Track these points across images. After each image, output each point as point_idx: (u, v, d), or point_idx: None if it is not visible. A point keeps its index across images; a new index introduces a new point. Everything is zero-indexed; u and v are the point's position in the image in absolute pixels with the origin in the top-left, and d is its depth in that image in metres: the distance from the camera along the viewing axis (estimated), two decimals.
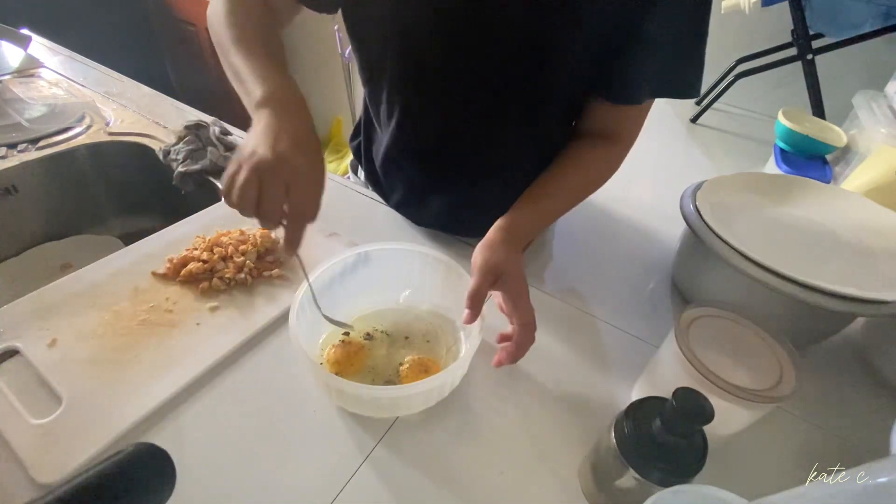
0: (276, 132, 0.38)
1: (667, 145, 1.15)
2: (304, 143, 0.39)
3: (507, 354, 0.46)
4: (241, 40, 0.46)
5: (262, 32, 0.48)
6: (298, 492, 0.40)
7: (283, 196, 0.37)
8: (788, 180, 0.68)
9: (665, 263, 0.70)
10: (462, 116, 0.57)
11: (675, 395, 0.33)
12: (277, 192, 0.36)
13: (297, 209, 0.38)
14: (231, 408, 0.45)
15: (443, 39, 0.51)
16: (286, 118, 0.40)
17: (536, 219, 0.54)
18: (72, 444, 0.40)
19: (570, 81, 0.53)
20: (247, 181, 0.36)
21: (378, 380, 0.47)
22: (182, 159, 0.76)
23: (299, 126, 0.40)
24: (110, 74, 1.05)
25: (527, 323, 0.46)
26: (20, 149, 0.79)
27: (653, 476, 0.34)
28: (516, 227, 0.51)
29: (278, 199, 0.37)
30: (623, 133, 0.57)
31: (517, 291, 0.47)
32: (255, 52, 0.45)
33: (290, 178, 0.37)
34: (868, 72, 1.14)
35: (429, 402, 0.44)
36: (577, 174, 0.57)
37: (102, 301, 0.52)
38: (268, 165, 0.36)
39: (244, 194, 0.36)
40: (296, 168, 0.37)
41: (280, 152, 0.37)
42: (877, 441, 0.45)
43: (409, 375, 0.47)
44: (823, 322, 0.55)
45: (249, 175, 0.36)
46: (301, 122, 0.41)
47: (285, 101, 0.41)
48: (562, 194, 0.56)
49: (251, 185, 0.36)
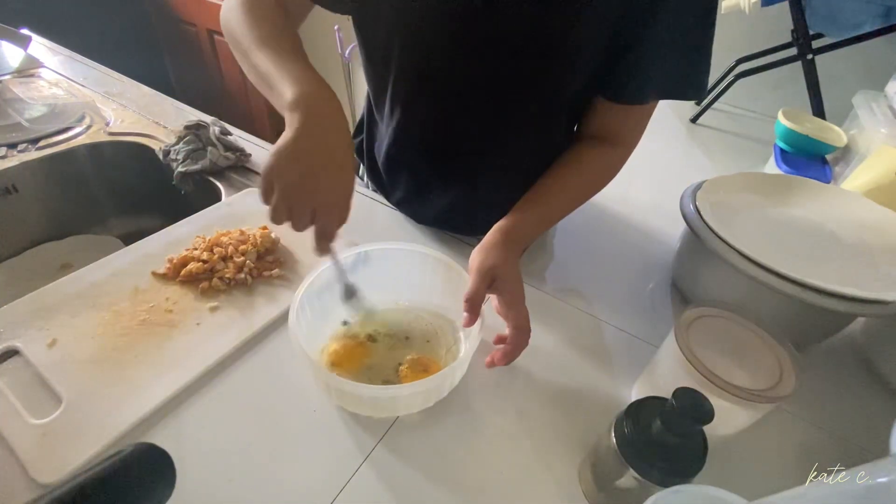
0: (305, 147, 0.39)
1: (667, 145, 1.15)
2: (333, 157, 0.40)
3: (501, 356, 0.47)
4: (266, 40, 0.46)
5: (286, 33, 0.48)
6: (298, 492, 0.40)
7: (310, 220, 0.41)
8: (788, 180, 0.68)
9: (665, 263, 0.70)
10: (467, 116, 0.56)
11: (675, 395, 0.33)
12: (305, 219, 0.40)
13: (321, 231, 0.42)
14: (231, 408, 0.45)
15: (448, 40, 0.51)
16: (318, 126, 0.40)
17: (536, 222, 0.54)
18: (72, 444, 0.40)
19: (575, 82, 0.53)
20: (276, 208, 0.40)
21: (377, 379, 0.47)
22: (182, 159, 0.76)
23: (330, 135, 0.41)
24: (110, 74, 1.05)
25: (521, 327, 0.46)
26: (20, 149, 0.79)
27: (653, 476, 0.34)
28: (515, 230, 0.51)
29: (306, 223, 0.41)
30: (626, 135, 0.57)
31: (513, 296, 0.47)
32: (282, 52, 0.45)
33: (316, 204, 0.40)
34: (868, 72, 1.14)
35: (428, 401, 0.44)
36: (579, 177, 0.57)
37: (102, 301, 0.52)
38: (296, 193, 0.39)
39: (277, 219, 0.40)
40: (321, 193, 0.40)
41: (307, 177, 0.39)
42: (877, 441, 0.45)
43: (409, 375, 0.47)
44: (823, 322, 0.55)
45: (279, 203, 0.39)
46: (333, 129, 0.41)
47: (318, 105, 0.41)
48: (563, 197, 0.56)
49: (282, 212, 0.40)
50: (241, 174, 0.78)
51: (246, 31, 0.48)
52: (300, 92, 0.41)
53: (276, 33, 0.48)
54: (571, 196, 0.57)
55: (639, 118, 0.56)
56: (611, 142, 0.57)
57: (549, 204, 0.55)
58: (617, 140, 0.57)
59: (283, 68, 0.43)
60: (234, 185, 0.76)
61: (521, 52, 0.50)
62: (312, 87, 0.41)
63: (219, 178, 0.77)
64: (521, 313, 0.47)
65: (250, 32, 0.47)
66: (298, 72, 0.43)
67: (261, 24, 0.48)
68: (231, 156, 0.78)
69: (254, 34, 0.47)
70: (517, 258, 0.50)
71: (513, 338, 0.46)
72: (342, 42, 1.81)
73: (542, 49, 0.49)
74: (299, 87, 0.41)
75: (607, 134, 0.57)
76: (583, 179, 0.57)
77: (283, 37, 0.47)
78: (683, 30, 0.48)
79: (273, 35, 0.47)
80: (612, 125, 0.56)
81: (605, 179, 0.58)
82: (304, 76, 0.42)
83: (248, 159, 0.80)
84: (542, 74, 0.51)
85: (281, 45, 0.46)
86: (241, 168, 0.79)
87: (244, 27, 0.48)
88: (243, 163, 0.79)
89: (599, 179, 0.58)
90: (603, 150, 0.57)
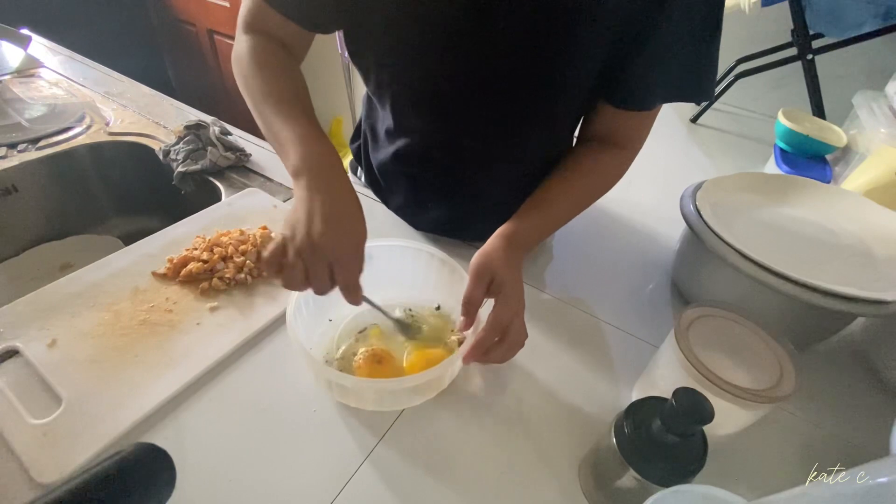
0: (311, 211, 0.40)
1: (667, 145, 1.15)
2: (340, 218, 0.40)
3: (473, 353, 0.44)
4: (272, 94, 0.47)
5: (292, 84, 0.49)
6: (299, 492, 0.40)
7: (328, 275, 0.40)
8: (788, 180, 0.68)
9: (665, 263, 0.70)
10: (467, 127, 0.56)
11: (675, 395, 0.33)
12: (322, 274, 0.40)
13: (344, 283, 0.41)
14: (231, 408, 0.45)
15: (448, 55, 0.49)
16: (322, 191, 0.41)
17: (540, 227, 0.53)
18: (72, 444, 0.40)
19: (578, 94, 0.52)
20: (292, 267, 0.39)
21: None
22: (182, 159, 0.76)
23: (335, 198, 0.41)
24: (110, 74, 1.05)
25: (516, 343, 0.44)
26: (20, 149, 0.79)
27: (653, 476, 0.34)
28: (518, 236, 0.50)
29: (324, 279, 0.40)
30: (630, 139, 0.56)
31: (512, 309, 0.44)
32: (287, 107, 0.46)
33: (331, 259, 0.39)
34: (868, 72, 1.14)
35: (428, 394, 0.45)
36: (583, 180, 0.56)
37: (102, 301, 0.52)
38: (309, 251, 0.39)
39: (293, 279, 0.40)
40: (334, 250, 0.39)
41: (317, 237, 0.39)
42: (877, 441, 0.45)
43: (414, 366, 0.47)
44: (823, 322, 0.55)
45: (294, 261, 0.39)
46: (336, 193, 0.42)
47: (321, 170, 0.42)
48: (566, 201, 0.55)
49: (298, 271, 0.39)
50: (241, 174, 0.78)
51: (253, 79, 0.49)
52: (302, 157, 0.42)
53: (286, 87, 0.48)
54: (575, 200, 0.56)
55: (644, 122, 0.55)
56: (615, 145, 0.56)
57: (552, 209, 0.54)
58: (622, 143, 0.56)
59: (287, 128, 0.44)
60: (234, 185, 0.76)
61: (522, 66, 0.48)
62: (313, 152, 0.43)
63: (219, 178, 0.77)
64: (519, 332, 0.44)
65: (256, 81, 0.48)
66: (301, 133, 0.44)
67: (271, 74, 0.49)
68: (231, 156, 0.78)
69: (260, 85, 0.48)
70: (519, 264, 0.49)
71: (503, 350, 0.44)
72: (342, 42, 1.82)
73: (544, 62, 0.48)
74: (302, 150, 0.42)
75: (612, 137, 0.56)
76: (587, 183, 0.56)
77: (289, 90, 0.48)
78: (690, 34, 0.46)
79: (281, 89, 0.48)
80: (617, 129, 0.55)
81: (610, 183, 0.57)
82: (306, 139, 0.43)
83: (248, 159, 0.81)
84: (543, 83, 0.50)
85: (286, 98, 0.47)
86: (241, 168, 0.79)
87: (251, 74, 0.49)
88: (243, 163, 0.79)
89: (604, 183, 0.57)
90: (607, 154, 0.56)
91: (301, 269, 0.39)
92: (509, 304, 0.45)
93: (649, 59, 0.47)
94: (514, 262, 0.47)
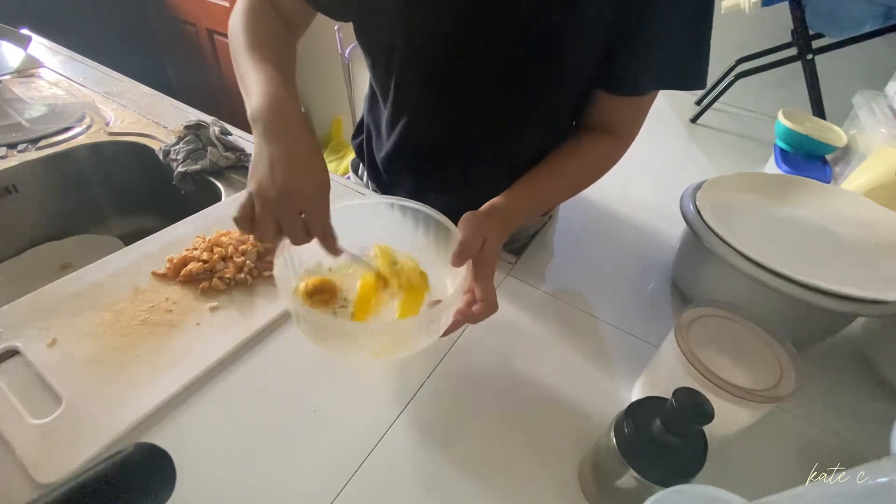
0: (271, 159, 0.39)
1: (667, 145, 1.15)
2: (299, 161, 0.39)
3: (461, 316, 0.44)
4: (253, 46, 0.47)
5: (275, 40, 0.49)
6: (299, 491, 0.40)
7: (299, 222, 0.40)
8: (788, 180, 0.68)
9: (665, 263, 0.70)
10: (470, 117, 0.57)
11: (675, 395, 0.33)
12: (292, 221, 0.39)
13: (315, 225, 0.41)
14: (231, 408, 0.45)
15: (450, 41, 0.51)
16: (276, 138, 0.40)
17: (528, 203, 0.53)
18: (72, 444, 0.40)
19: (577, 81, 0.53)
20: (261, 219, 0.39)
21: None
22: (182, 159, 0.76)
23: (291, 141, 0.40)
24: (110, 74, 1.05)
25: (489, 302, 0.44)
26: (20, 149, 0.79)
27: (653, 476, 0.34)
28: (506, 207, 0.50)
29: (295, 226, 0.40)
30: (625, 126, 0.57)
31: (486, 269, 0.45)
32: (261, 58, 0.45)
33: (297, 203, 0.39)
34: (868, 72, 1.14)
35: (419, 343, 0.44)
36: (576, 163, 0.57)
37: (102, 301, 0.52)
38: (275, 199, 0.38)
39: (265, 231, 0.39)
40: (298, 192, 0.39)
41: (280, 183, 0.38)
42: (877, 441, 0.45)
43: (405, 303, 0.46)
44: (823, 322, 0.55)
45: (262, 213, 0.39)
46: (292, 136, 0.40)
47: (275, 118, 0.41)
48: (557, 182, 0.56)
49: (267, 222, 0.39)
50: (241, 174, 0.78)
51: (239, 36, 0.48)
52: (259, 104, 0.41)
53: (265, 40, 0.48)
54: (566, 182, 0.57)
55: (638, 109, 0.56)
56: (610, 133, 0.57)
57: (542, 187, 0.55)
58: (616, 131, 0.57)
59: (254, 75, 0.43)
60: (234, 185, 0.76)
61: (524, 52, 0.50)
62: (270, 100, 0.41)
63: (219, 178, 0.77)
64: (488, 290, 0.44)
65: (241, 36, 0.48)
66: (265, 81, 0.43)
67: (255, 29, 0.48)
68: (231, 156, 0.78)
69: (244, 38, 0.47)
70: (503, 235, 0.48)
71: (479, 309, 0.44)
72: (342, 42, 1.81)
73: (543, 48, 0.49)
74: (260, 99, 0.41)
75: (606, 125, 0.57)
76: (579, 166, 0.57)
77: (270, 44, 0.48)
78: (681, 20, 0.48)
79: (260, 41, 0.47)
80: (611, 117, 0.57)
81: (602, 169, 0.58)
82: (268, 87, 0.42)
83: (248, 159, 0.80)
84: (545, 74, 0.51)
85: (264, 51, 0.46)
86: (241, 168, 0.79)
87: (239, 32, 0.49)
88: (243, 163, 0.79)
89: (596, 168, 0.58)
90: (602, 140, 0.57)
91: (271, 219, 0.39)
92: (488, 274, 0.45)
93: (641, 44, 0.48)
94: (498, 231, 0.47)
